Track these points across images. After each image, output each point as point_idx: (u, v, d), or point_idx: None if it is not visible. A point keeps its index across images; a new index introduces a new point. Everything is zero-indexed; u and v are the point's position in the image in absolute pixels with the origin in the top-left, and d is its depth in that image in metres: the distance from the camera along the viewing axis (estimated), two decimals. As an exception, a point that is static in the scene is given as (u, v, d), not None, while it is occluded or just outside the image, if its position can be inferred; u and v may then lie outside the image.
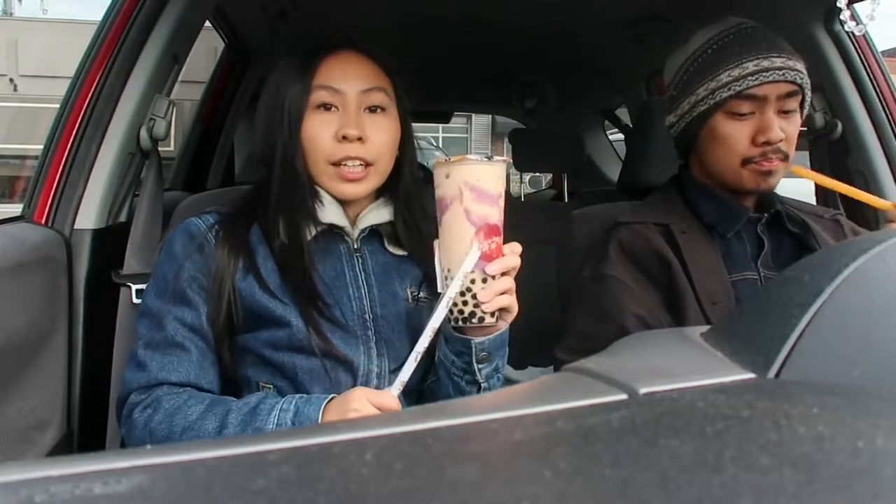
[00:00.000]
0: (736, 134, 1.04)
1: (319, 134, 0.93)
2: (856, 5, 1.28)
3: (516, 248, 0.83)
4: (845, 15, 1.16)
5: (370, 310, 0.95)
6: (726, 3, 1.46)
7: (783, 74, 1.01)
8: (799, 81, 1.03)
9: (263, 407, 0.83)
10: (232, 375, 0.92)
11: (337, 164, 0.92)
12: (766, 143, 1.02)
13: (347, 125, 0.92)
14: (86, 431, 1.17)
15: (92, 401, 1.17)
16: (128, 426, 0.88)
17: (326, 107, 0.93)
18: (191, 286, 0.90)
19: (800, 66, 1.04)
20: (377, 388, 0.90)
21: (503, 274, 0.81)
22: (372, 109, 0.95)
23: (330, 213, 0.95)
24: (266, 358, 0.91)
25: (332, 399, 0.81)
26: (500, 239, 0.80)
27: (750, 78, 1.01)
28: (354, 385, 0.90)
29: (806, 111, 1.08)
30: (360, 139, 0.92)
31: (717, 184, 1.10)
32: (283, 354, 0.90)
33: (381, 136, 0.94)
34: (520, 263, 0.82)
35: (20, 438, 1.03)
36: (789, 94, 1.03)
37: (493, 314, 0.81)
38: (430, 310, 0.99)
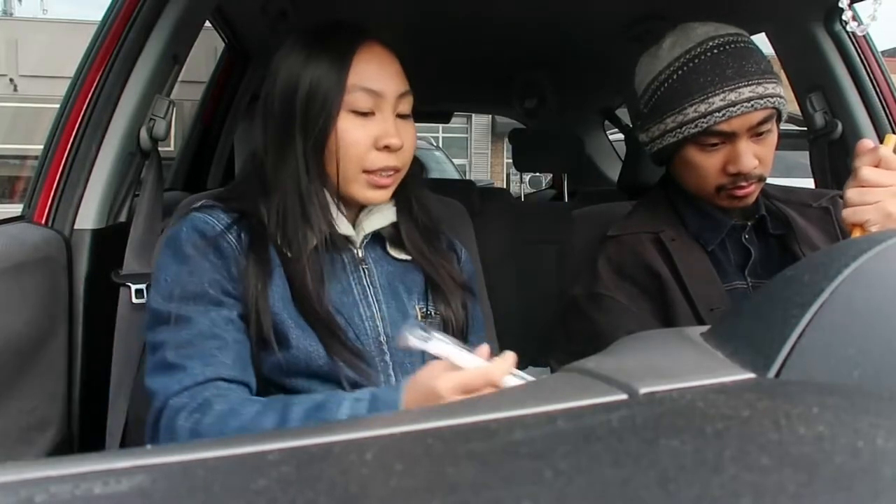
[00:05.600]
0: (707, 164, 1.02)
1: (358, 140, 0.85)
2: (857, 5, 1.28)
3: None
4: (847, 15, 1.15)
5: (383, 331, 0.88)
6: (726, 3, 1.46)
7: (752, 106, 0.96)
8: (770, 106, 0.98)
9: (332, 401, 0.74)
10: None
11: (370, 171, 0.86)
12: (737, 172, 0.99)
13: (390, 134, 0.85)
14: (86, 432, 1.17)
15: (92, 401, 1.17)
16: (168, 437, 0.76)
17: (363, 111, 0.86)
18: (213, 287, 0.82)
19: (771, 86, 0.99)
20: None
21: None
22: (402, 116, 0.89)
23: (339, 221, 0.89)
24: (280, 384, 0.83)
25: (409, 384, 0.72)
26: None
27: (717, 114, 0.97)
28: None
29: (784, 118, 1.04)
30: (399, 148, 0.87)
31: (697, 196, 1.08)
32: (300, 381, 0.83)
33: (411, 142, 0.90)
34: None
35: (20, 439, 1.03)
36: (761, 122, 0.99)
37: None
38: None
